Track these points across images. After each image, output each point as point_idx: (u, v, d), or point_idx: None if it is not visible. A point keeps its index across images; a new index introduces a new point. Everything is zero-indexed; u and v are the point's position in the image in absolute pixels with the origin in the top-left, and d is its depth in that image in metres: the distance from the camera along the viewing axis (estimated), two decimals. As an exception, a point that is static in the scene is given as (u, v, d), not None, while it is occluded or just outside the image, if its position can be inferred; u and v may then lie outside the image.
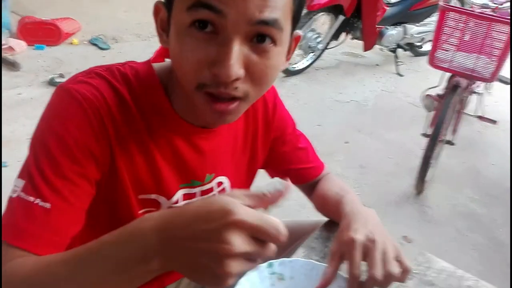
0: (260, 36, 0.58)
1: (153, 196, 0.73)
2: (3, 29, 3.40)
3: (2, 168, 2.19)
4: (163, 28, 0.65)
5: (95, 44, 3.76)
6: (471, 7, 2.34)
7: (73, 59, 3.47)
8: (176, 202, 0.76)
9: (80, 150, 0.62)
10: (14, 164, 2.23)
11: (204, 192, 0.80)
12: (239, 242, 0.44)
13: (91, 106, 0.63)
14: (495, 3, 2.14)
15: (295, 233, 0.99)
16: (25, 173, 0.62)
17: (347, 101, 3.38)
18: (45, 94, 2.94)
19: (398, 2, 3.78)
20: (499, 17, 1.95)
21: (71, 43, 3.73)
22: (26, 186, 0.60)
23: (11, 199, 0.61)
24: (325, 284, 0.68)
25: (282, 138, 0.90)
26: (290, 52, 0.69)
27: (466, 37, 2.00)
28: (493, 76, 2.02)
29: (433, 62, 2.11)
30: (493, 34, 1.93)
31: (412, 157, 2.75)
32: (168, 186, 0.73)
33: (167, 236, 0.46)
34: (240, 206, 0.46)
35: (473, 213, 2.35)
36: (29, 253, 0.58)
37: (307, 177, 0.96)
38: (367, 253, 0.69)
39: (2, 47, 3.25)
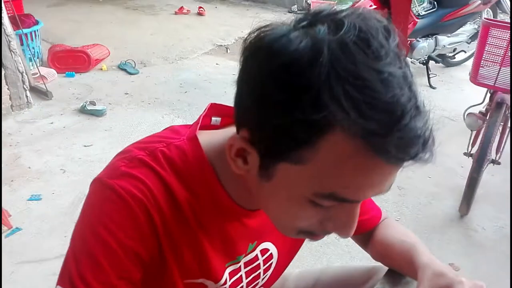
0: None
1: (200, 280, 0.68)
2: (34, 58, 3.47)
3: (37, 201, 2.19)
4: (237, 155, 0.56)
5: (123, 69, 3.79)
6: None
7: (102, 85, 3.51)
8: (225, 283, 0.71)
9: (127, 255, 0.57)
10: (48, 196, 2.24)
11: (247, 263, 0.74)
12: None
13: (139, 204, 0.57)
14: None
15: (350, 283, 0.92)
16: (67, 282, 0.57)
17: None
18: (77, 122, 2.97)
19: (429, 13, 3.67)
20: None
21: (101, 69, 3.78)
22: None
23: None
24: None
25: None
26: None
27: (510, 52, 1.89)
28: (542, 92, 1.91)
29: (476, 80, 2.00)
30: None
31: (453, 176, 2.63)
32: (215, 271, 0.68)
33: None
34: None
35: (521, 235, 2.21)
36: None
37: (364, 228, 0.88)
38: None
39: (34, 76, 3.31)
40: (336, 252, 1.99)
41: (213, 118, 0.68)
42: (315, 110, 0.45)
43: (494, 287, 1.90)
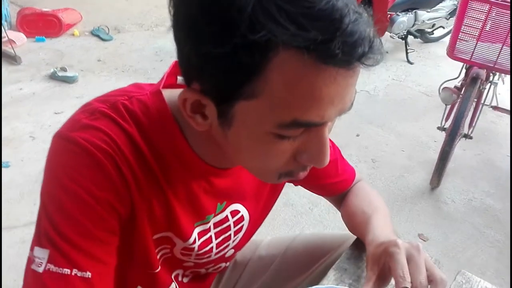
0: None
1: (169, 234, 0.67)
2: (2, 21, 3.31)
3: (4, 169, 2.12)
4: (194, 111, 0.54)
5: (96, 35, 3.66)
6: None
7: (74, 51, 3.39)
8: (194, 243, 0.70)
9: (102, 207, 0.55)
10: (17, 164, 2.17)
11: (217, 224, 0.73)
12: None
13: (105, 156, 0.55)
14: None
15: (320, 249, 0.93)
16: (45, 241, 0.54)
17: (356, 91, 3.28)
18: (47, 89, 2.87)
19: (409, -13, 3.65)
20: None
21: (73, 35, 3.63)
22: (54, 256, 0.53)
23: (36, 274, 0.53)
24: None
25: None
26: None
27: (488, 27, 1.90)
28: (517, 68, 1.93)
29: (453, 54, 2.01)
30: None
31: (426, 150, 2.68)
32: (184, 229, 0.67)
33: None
34: None
35: (489, 208, 2.27)
36: None
37: (336, 191, 0.89)
38: (410, 258, 0.63)
39: (2, 40, 3.16)
40: (309, 222, 2.01)
41: (179, 78, 0.65)
42: (253, 31, 0.43)
43: (462, 257, 1.97)
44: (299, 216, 2.04)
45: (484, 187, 2.41)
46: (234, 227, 0.76)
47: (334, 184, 0.87)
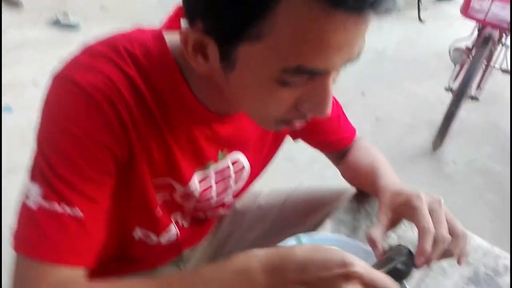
0: None
1: (167, 180, 0.67)
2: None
3: (8, 114, 2.13)
4: (195, 50, 0.53)
5: (100, -20, 3.56)
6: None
7: (77, -2, 3.31)
8: (194, 188, 0.70)
9: (98, 149, 0.55)
10: (19, 109, 2.17)
11: (218, 173, 0.73)
12: None
13: (104, 97, 0.54)
14: None
15: (319, 201, 0.94)
16: (39, 178, 0.54)
17: (365, 43, 3.22)
18: (50, 35, 2.83)
19: None
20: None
21: (75, -21, 3.53)
22: (46, 192, 0.53)
23: (29, 211, 0.54)
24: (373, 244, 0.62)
25: None
26: None
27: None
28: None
29: (468, 13, 1.95)
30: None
31: (432, 110, 2.65)
32: (183, 172, 0.67)
33: (278, 280, 0.48)
34: (358, 259, 0.48)
35: (490, 171, 2.28)
36: (67, 267, 0.54)
37: (336, 147, 0.89)
38: (432, 212, 0.63)
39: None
40: (309, 177, 2.03)
41: (182, 22, 0.63)
42: None
43: (458, 217, 1.97)
44: (299, 171, 2.05)
45: (487, 150, 2.41)
46: (235, 176, 0.76)
47: (334, 141, 0.87)
